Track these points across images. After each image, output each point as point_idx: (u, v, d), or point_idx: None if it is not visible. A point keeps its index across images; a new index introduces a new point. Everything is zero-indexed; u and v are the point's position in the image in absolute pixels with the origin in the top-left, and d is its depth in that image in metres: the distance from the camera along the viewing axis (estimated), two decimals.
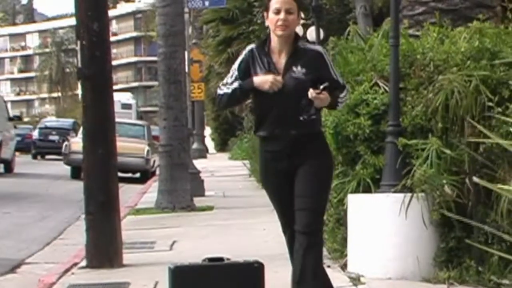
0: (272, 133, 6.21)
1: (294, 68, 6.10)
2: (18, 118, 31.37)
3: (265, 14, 6.27)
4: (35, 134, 43.63)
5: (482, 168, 7.95)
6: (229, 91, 6.20)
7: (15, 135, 30.37)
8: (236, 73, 6.22)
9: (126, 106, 30.90)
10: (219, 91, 6.29)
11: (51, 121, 50.11)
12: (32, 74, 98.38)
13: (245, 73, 6.23)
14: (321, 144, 6.35)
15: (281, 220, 6.31)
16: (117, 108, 27.91)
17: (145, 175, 26.35)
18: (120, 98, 31.78)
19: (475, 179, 7.30)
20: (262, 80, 6.07)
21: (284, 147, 6.18)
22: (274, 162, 6.25)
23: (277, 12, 6.05)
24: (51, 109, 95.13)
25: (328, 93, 6.01)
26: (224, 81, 6.27)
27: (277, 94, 6.11)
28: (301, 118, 6.15)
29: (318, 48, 6.55)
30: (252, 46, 6.34)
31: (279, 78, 6.04)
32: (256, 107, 6.46)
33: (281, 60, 6.19)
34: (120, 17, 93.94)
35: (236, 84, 6.18)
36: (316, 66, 6.13)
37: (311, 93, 5.91)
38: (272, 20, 6.09)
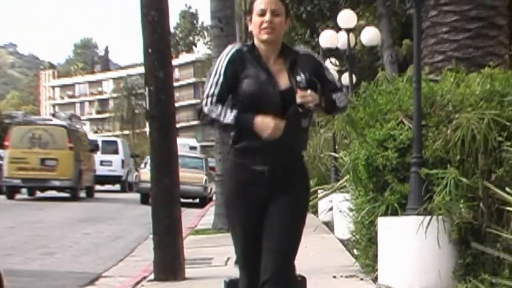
0: (258, 145, 4.42)
1: (299, 78, 4.47)
2: (95, 148, 32.17)
3: (248, 18, 4.66)
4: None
5: (495, 194, 7.89)
6: (219, 117, 4.49)
7: (94, 165, 30.88)
8: (221, 79, 4.52)
9: (192, 147, 33.46)
10: (204, 108, 4.56)
11: None
12: (107, 114, 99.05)
13: (233, 78, 4.51)
14: (305, 173, 4.70)
15: (242, 254, 4.63)
16: (186, 149, 29.11)
17: (203, 201, 26.48)
18: (188, 142, 34.39)
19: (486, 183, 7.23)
20: (263, 125, 4.35)
21: (268, 166, 4.47)
22: (250, 185, 4.49)
23: (262, 13, 4.46)
24: None
25: (324, 94, 4.47)
26: (208, 91, 4.53)
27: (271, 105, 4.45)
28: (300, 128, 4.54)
29: (307, 50, 4.72)
30: (238, 45, 4.64)
31: (282, 124, 4.35)
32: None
33: (275, 70, 4.53)
34: (181, 66, 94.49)
35: (230, 116, 4.45)
36: (313, 69, 4.55)
37: (298, 96, 4.34)
38: (256, 23, 4.48)
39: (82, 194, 28.48)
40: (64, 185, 26.91)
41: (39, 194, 28.19)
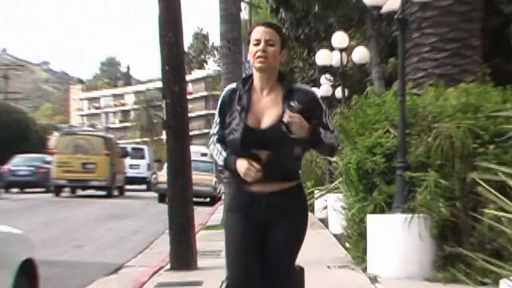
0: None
1: (292, 103, 4.04)
2: (126, 154, 34.39)
3: (247, 48, 4.29)
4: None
5: (470, 194, 7.89)
6: (216, 158, 4.26)
7: (124, 168, 32.73)
8: (218, 119, 4.26)
9: (203, 154, 34.50)
10: (209, 146, 4.36)
11: None
12: (128, 124, 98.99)
13: (225, 116, 4.21)
14: (303, 197, 4.30)
15: (235, 267, 4.10)
16: (198, 155, 29.74)
17: (213, 200, 26.46)
18: (200, 149, 35.01)
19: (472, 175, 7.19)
20: (239, 169, 4.04)
21: (266, 192, 4.08)
22: (250, 209, 4.12)
23: (257, 43, 4.10)
24: None
25: (312, 127, 4.02)
26: (212, 130, 4.33)
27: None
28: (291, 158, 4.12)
29: (311, 90, 4.28)
30: (234, 84, 4.28)
31: (257, 167, 4.01)
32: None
33: (263, 99, 4.13)
34: (194, 81, 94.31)
35: (221, 158, 4.19)
36: (310, 106, 4.08)
37: (287, 114, 3.93)
38: (251, 51, 4.13)
39: (115, 192, 29.53)
40: (101, 185, 28.65)
41: (79, 192, 29.86)
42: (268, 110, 4.10)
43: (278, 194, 4.08)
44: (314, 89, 4.33)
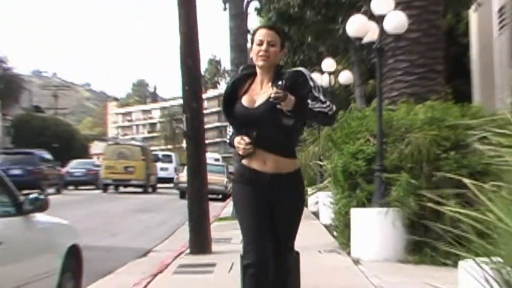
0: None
1: (279, 82, 3.82)
2: (157, 160, 36.15)
3: (250, 48, 4.08)
4: None
5: (435, 190, 7.88)
6: (228, 138, 4.08)
7: (156, 170, 33.81)
8: (226, 95, 4.02)
9: (216, 159, 35.59)
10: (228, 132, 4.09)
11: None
12: (155, 134, 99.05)
13: (233, 96, 3.97)
14: (300, 177, 3.99)
15: (249, 236, 3.86)
16: (212, 160, 30.27)
17: (224, 196, 26.41)
18: (213, 155, 36.68)
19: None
20: (235, 141, 3.89)
21: (267, 169, 3.84)
22: (255, 183, 3.87)
23: (260, 43, 3.88)
24: None
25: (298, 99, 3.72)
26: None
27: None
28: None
29: (300, 69, 4.00)
30: (245, 71, 4.06)
31: (247, 140, 3.81)
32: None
33: (262, 89, 3.91)
34: (209, 99, 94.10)
35: (229, 136, 4.04)
36: (296, 81, 3.84)
37: (272, 91, 3.69)
38: (254, 51, 3.90)
39: (149, 189, 30.60)
40: (139, 184, 30.12)
41: (121, 189, 30.85)
42: (262, 94, 3.88)
43: (280, 176, 3.83)
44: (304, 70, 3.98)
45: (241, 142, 3.82)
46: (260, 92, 3.91)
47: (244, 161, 3.92)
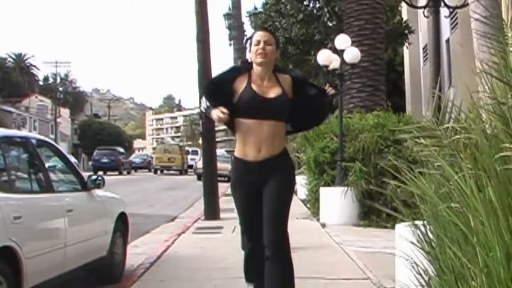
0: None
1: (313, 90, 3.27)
2: (187, 153, 39.22)
3: (248, 49, 3.30)
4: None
5: (379, 175, 7.92)
6: (203, 104, 3.27)
7: (187, 160, 35.63)
8: (218, 77, 3.27)
9: (223, 153, 36.35)
10: (203, 98, 3.28)
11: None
12: (179, 134, 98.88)
13: (227, 78, 3.20)
14: (289, 159, 3.28)
15: (243, 223, 3.23)
16: (220, 153, 30.48)
17: (229, 179, 26.27)
18: (221, 151, 36.62)
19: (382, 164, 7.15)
20: (213, 112, 3.09)
21: (258, 159, 3.12)
22: (246, 175, 3.16)
23: (258, 43, 3.18)
24: None
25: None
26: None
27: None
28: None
29: (297, 75, 3.53)
30: (244, 65, 3.29)
31: (224, 110, 3.04)
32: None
33: (264, 84, 3.19)
34: None
35: (205, 105, 3.24)
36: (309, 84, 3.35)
37: (329, 88, 3.23)
38: (253, 50, 3.20)
39: (183, 173, 32.50)
40: (177, 169, 32.67)
41: (166, 172, 32.33)
42: (270, 89, 3.17)
43: (269, 159, 3.11)
44: None
45: (217, 111, 3.04)
46: (267, 86, 3.18)
47: (238, 154, 3.20)
